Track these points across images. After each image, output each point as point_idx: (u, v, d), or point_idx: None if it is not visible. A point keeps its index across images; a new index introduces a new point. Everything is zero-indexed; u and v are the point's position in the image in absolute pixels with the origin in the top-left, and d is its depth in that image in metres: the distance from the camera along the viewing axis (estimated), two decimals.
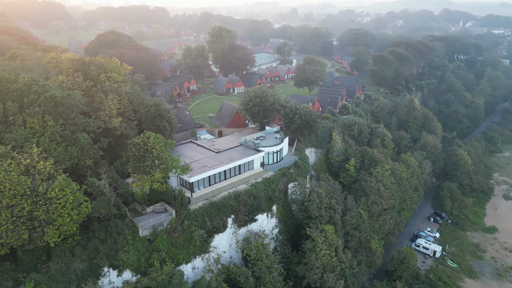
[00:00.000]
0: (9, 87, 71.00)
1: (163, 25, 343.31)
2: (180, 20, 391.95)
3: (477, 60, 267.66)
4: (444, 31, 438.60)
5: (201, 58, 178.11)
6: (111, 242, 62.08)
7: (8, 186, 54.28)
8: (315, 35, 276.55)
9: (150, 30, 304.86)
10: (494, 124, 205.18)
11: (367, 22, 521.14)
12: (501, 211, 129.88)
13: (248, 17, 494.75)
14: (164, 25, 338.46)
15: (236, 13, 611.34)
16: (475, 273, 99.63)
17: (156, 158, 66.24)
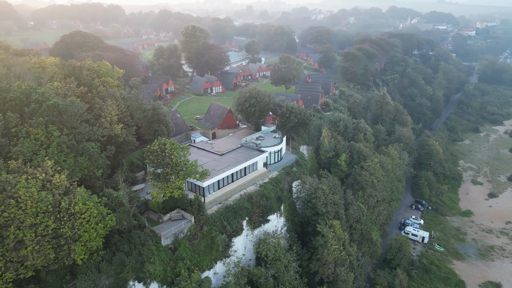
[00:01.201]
0: (5, 96, 65.71)
1: (120, 24, 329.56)
2: (136, 18, 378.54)
3: (430, 55, 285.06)
4: (394, 27, 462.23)
5: (174, 58, 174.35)
6: (136, 254, 59.83)
7: (30, 204, 50.62)
8: (279, 33, 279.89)
9: (109, 29, 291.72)
10: (452, 115, 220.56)
11: (321, 19, 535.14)
12: (472, 195, 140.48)
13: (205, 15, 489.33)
14: (121, 24, 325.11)
15: (190, 11, 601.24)
16: (461, 255, 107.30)
17: (175, 165, 64.59)
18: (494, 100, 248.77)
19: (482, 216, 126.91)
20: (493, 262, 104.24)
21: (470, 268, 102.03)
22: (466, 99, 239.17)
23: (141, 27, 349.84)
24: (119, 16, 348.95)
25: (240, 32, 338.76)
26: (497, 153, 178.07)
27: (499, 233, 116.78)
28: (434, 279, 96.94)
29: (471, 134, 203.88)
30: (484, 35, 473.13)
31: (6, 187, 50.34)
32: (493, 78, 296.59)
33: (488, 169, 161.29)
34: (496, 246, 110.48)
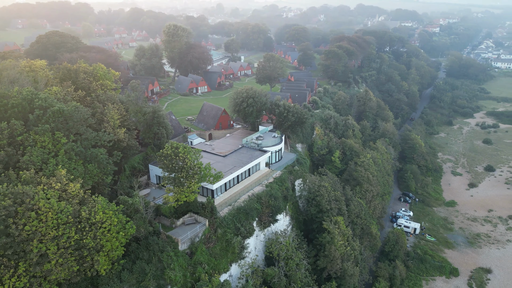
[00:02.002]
0: (6, 103, 62.41)
1: (90, 23, 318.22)
2: (106, 17, 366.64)
3: (401, 51, 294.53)
4: (364, 25, 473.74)
5: (156, 58, 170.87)
6: (156, 261, 58.80)
7: (51, 216, 48.58)
8: (256, 31, 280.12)
9: (79, 28, 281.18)
10: (427, 109, 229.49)
11: (292, 17, 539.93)
12: (454, 186, 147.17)
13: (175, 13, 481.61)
14: (90, 23, 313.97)
15: (158, 8, 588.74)
16: (451, 244, 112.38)
17: (190, 168, 63.74)
18: (463, 94, 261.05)
19: (465, 205, 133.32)
20: (481, 249, 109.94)
21: (461, 256, 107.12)
22: (438, 94, 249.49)
23: (112, 25, 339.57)
24: (88, 14, 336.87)
25: (215, 30, 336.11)
26: (471, 145, 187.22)
27: (483, 221, 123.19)
28: (429, 268, 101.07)
29: (445, 127, 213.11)
30: (448, 31, 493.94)
31: (25, 199, 48.09)
32: (460, 73, 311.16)
33: (465, 160, 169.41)
34: (482, 234, 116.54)
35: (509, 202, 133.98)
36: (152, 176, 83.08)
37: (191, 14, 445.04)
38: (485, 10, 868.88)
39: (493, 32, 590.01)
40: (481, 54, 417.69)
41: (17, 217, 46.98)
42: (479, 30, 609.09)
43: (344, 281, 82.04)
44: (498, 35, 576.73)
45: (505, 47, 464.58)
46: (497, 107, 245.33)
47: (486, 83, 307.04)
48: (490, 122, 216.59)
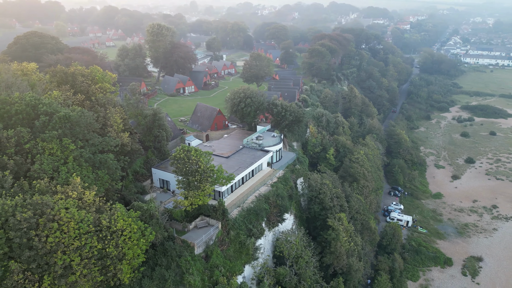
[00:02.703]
0: (9, 109, 59.61)
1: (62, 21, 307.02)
2: (78, 15, 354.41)
3: (378, 48, 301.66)
4: (338, 22, 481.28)
5: (140, 58, 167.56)
6: (174, 267, 58.06)
7: (72, 225, 47.06)
8: (236, 30, 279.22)
9: (52, 27, 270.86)
10: (406, 104, 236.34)
11: (267, 14, 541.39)
12: (438, 179, 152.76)
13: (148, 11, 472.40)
14: (62, 21, 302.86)
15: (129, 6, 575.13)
16: (442, 235, 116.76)
17: (203, 171, 63.16)
18: (438, 89, 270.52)
19: (451, 197, 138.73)
20: (471, 238, 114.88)
21: (452, 246, 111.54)
22: (415, 89, 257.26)
23: (85, 24, 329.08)
24: (59, 13, 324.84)
25: (193, 29, 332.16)
26: (450, 138, 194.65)
27: (469, 212, 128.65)
28: (425, 259, 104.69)
29: (424, 121, 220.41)
30: (418, 28, 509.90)
31: (45, 210, 46.31)
32: (433, 68, 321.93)
33: (446, 153, 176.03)
34: (470, 224, 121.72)
35: (491, 192, 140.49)
36: (156, 180, 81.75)
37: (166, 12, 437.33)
38: (449, 7, 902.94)
39: (459, 29, 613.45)
40: (450, 50, 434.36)
41: (38, 229, 45.22)
42: (446, 27, 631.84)
43: (350, 276, 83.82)
44: (464, 31, 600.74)
45: (471, 43, 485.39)
46: (470, 101, 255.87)
47: (457, 78, 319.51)
48: (465, 115, 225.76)
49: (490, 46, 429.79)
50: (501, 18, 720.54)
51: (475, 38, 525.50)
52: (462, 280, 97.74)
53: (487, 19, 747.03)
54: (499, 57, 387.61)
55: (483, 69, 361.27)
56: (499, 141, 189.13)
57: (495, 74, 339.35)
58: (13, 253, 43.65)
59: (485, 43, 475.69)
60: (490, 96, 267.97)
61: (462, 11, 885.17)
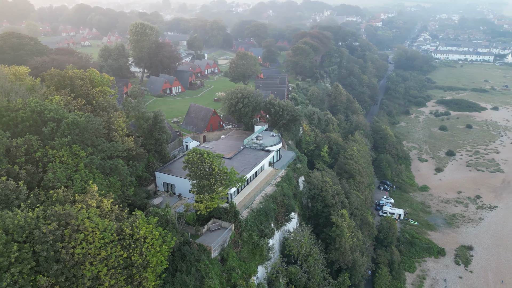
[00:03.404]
0: (15, 116, 57.10)
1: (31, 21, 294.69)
2: (48, 14, 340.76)
3: (355, 46, 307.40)
4: (313, 20, 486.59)
5: (124, 59, 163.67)
6: (194, 271, 57.56)
7: (98, 235, 45.82)
8: (215, 28, 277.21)
9: (23, 27, 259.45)
10: (385, 100, 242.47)
11: (242, 12, 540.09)
12: (423, 172, 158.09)
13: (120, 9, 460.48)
14: (33, 21, 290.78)
15: (100, 3, 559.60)
16: (432, 226, 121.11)
17: (217, 174, 62.77)
18: (414, 84, 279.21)
19: (436, 189, 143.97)
20: (459, 228, 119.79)
21: (443, 236, 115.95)
22: (392, 85, 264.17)
23: (56, 23, 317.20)
24: (28, 12, 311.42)
25: (170, 27, 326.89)
26: (430, 132, 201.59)
27: (455, 202, 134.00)
28: (419, 251, 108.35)
29: (403, 116, 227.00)
30: (389, 25, 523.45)
31: (69, 220, 44.83)
32: (407, 64, 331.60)
33: (427, 147, 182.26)
34: (457, 214, 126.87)
35: (473, 183, 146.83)
36: (159, 183, 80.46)
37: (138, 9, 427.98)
38: (416, 4, 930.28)
39: (427, 25, 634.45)
40: (421, 46, 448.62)
41: (65, 241, 43.75)
42: (414, 24, 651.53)
43: (355, 271, 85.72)
44: (432, 28, 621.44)
45: (440, 39, 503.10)
46: (444, 96, 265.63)
47: (430, 73, 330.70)
48: (442, 110, 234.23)
49: (458, 42, 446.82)
50: (465, 14, 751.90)
51: (443, 34, 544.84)
52: (456, 269, 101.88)
53: (452, 16, 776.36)
54: (467, 52, 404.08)
55: (453, 64, 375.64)
56: (475, 133, 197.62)
57: (465, 69, 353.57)
58: (40, 267, 42.05)
59: (453, 39, 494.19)
60: (463, 90, 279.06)
61: (428, 8, 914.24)
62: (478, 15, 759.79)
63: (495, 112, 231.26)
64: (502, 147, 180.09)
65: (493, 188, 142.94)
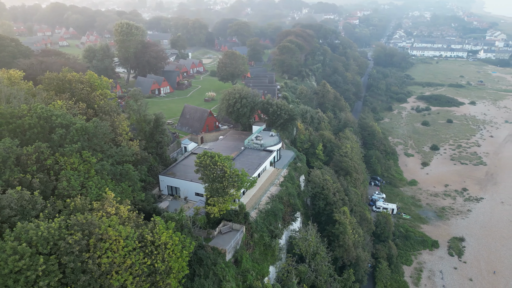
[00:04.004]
0: (21, 123, 55.04)
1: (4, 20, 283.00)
2: (21, 13, 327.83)
3: (336, 43, 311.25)
4: (292, 18, 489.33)
5: (109, 59, 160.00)
6: (211, 275, 57.32)
7: (122, 243, 44.97)
8: (197, 27, 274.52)
9: None
10: (368, 97, 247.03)
11: (220, 10, 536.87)
12: (410, 167, 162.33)
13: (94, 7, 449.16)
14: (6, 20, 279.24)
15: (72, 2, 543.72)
16: (424, 219, 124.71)
17: (230, 176, 62.53)
18: (394, 81, 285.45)
19: (425, 183, 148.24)
20: (449, 220, 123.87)
21: (435, 229, 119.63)
22: (374, 82, 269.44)
23: (30, 23, 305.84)
24: (0, 10, 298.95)
25: (150, 26, 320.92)
26: (413, 127, 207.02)
27: (443, 196, 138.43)
28: (414, 244, 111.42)
29: (387, 112, 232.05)
30: (366, 23, 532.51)
31: (92, 229, 43.75)
32: (386, 61, 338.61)
33: (412, 142, 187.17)
34: (446, 207, 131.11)
35: (459, 176, 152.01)
36: (163, 187, 79.49)
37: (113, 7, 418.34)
38: (389, 2, 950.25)
39: (402, 23, 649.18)
40: (398, 43, 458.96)
41: (90, 251, 42.68)
42: (389, 21, 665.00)
43: (358, 267, 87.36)
44: (406, 25, 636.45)
45: (414, 36, 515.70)
46: (424, 92, 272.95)
47: (408, 70, 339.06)
48: (422, 105, 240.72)
49: (433, 39, 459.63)
50: (436, 11, 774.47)
51: (417, 31, 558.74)
52: (450, 260, 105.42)
53: (424, 13, 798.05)
54: (442, 49, 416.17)
55: (429, 60, 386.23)
56: (456, 128, 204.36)
57: (441, 65, 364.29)
58: (67, 279, 40.89)
59: (427, 36, 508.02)
60: (440, 86, 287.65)
61: (401, 5, 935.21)
62: (449, 12, 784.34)
63: (473, 107, 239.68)
64: (483, 141, 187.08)
65: (478, 180, 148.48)
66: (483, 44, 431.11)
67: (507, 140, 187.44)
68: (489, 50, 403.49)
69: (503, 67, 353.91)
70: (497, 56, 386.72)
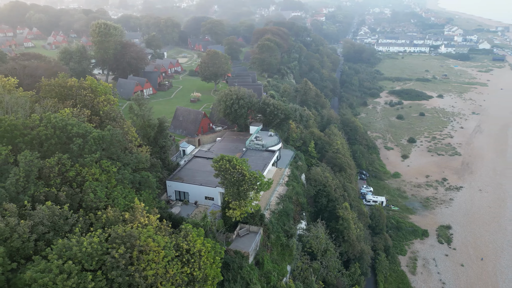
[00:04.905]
0: (36, 134, 52.44)
1: None
2: None
3: (308, 41, 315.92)
4: (261, 15, 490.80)
5: (86, 61, 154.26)
6: (239, 279, 57.41)
7: (163, 254, 44.28)
8: (170, 25, 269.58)
9: None
10: (343, 93, 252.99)
11: (187, 7, 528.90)
12: (391, 160, 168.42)
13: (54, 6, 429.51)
14: None
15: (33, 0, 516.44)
16: (411, 210, 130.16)
17: (249, 179, 62.63)
18: (365, 76, 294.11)
19: (407, 175, 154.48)
20: (435, 210, 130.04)
21: (423, 218, 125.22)
22: (347, 78, 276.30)
23: None
24: None
25: None
26: (389, 121, 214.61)
27: (426, 186, 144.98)
28: (406, 234, 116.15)
29: (362, 107, 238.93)
30: (332, 20, 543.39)
31: (133, 241, 42.72)
32: (355, 58, 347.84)
33: (390, 136, 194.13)
34: (430, 197, 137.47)
35: (437, 167, 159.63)
36: (171, 192, 78.30)
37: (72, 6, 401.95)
38: None
39: (365, 19, 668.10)
40: (364, 39, 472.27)
41: (134, 264, 41.68)
42: (352, 18, 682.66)
43: (362, 260, 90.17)
44: (369, 21, 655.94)
45: (378, 32, 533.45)
46: (394, 86, 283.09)
47: (377, 65, 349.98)
48: (395, 100, 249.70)
49: (396, 35, 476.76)
50: (395, 8, 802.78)
51: (380, 27, 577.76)
52: (441, 247, 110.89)
53: (384, 10, 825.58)
54: (405, 44, 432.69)
55: (395, 56, 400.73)
56: (429, 120, 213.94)
57: (406, 60, 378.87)
58: None
59: (390, 32, 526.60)
60: (409, 80, 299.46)
61: (361, 2, 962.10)
62: (406, 9, 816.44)
63: (441, 100, 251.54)
64: (454, 132, 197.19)
65: (456, 170, 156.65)
66: (443, 39, 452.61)
67: (476, 131, 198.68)
68: (449, 45, 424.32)
69: (463, 61, 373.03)
70: (457, 50, 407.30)
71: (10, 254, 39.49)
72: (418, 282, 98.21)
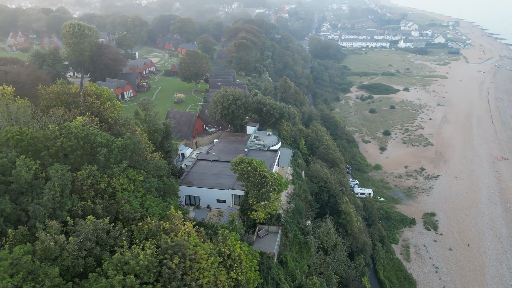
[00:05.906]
0: (59, 146, 50.21)
1: None
2: None
3: (278, 38, 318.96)
4: (225, 13, 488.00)
5: (60, 64, 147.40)
6: (270, 280, 58.18)
7: (211, 261, 44.28)
8: (137, 24, 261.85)
9: None
10: (316, 89, 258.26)
11: (148, 5, 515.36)
12: (371, 152, 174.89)
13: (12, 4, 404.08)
14: None
15: None
16: (396, 200, 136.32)
17: (270, 181, 63.37)
18: (335, 72, 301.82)
19: (387, 166, 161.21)
20: (418, 198, 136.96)
21: (408, 208, 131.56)
22: (318, 74, 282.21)
23: None
24: None
25: None
26: (362, 115, 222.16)
27: (406, 176, 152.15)
28: (395, 224, 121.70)
29: (336, 103, 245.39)
30: (295, 16, 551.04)
31: (184, 250, 42.40)
32: (322, 54, 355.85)
33: (366, 129, 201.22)
34: (412, 186, 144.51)
35: (414, 157, 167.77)
36: (181, 197, 77.18)
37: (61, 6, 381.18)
38: None
39: (325, 16, 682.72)
40: (327, 36, 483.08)
41: (189, 273, 41.36)
42: (313, 14, 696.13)
43: (365, 252, 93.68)
44: (329, 18, 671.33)
45: (339, 28, 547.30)
46: (362, 81, 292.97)
47: (343, 61, 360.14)
48: (365, 94, 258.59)
49: (357, 31, 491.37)
50: (351, 4, 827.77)
51: (340, 23, 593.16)
52: (429, 234, 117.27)
53: (342, 6, 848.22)
54: (367, 40, 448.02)
55: (358, 51, 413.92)
56: (399, 113, 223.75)
57: (369, 55, 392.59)
58: None
59: (350, 28, 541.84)
60: (375, 75, 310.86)
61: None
62: (363, 5, 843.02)
63: (407, 93, 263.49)
64: (424, 123, 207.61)
65: (431, 159, 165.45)
66: (401, 34, 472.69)
67: (443, 121, 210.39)
68: (407, 40, 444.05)
69: (422, 55, 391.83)
70: (415, 45, 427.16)
71: (61, 273, 37.95)
72: (413, 268, 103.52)
